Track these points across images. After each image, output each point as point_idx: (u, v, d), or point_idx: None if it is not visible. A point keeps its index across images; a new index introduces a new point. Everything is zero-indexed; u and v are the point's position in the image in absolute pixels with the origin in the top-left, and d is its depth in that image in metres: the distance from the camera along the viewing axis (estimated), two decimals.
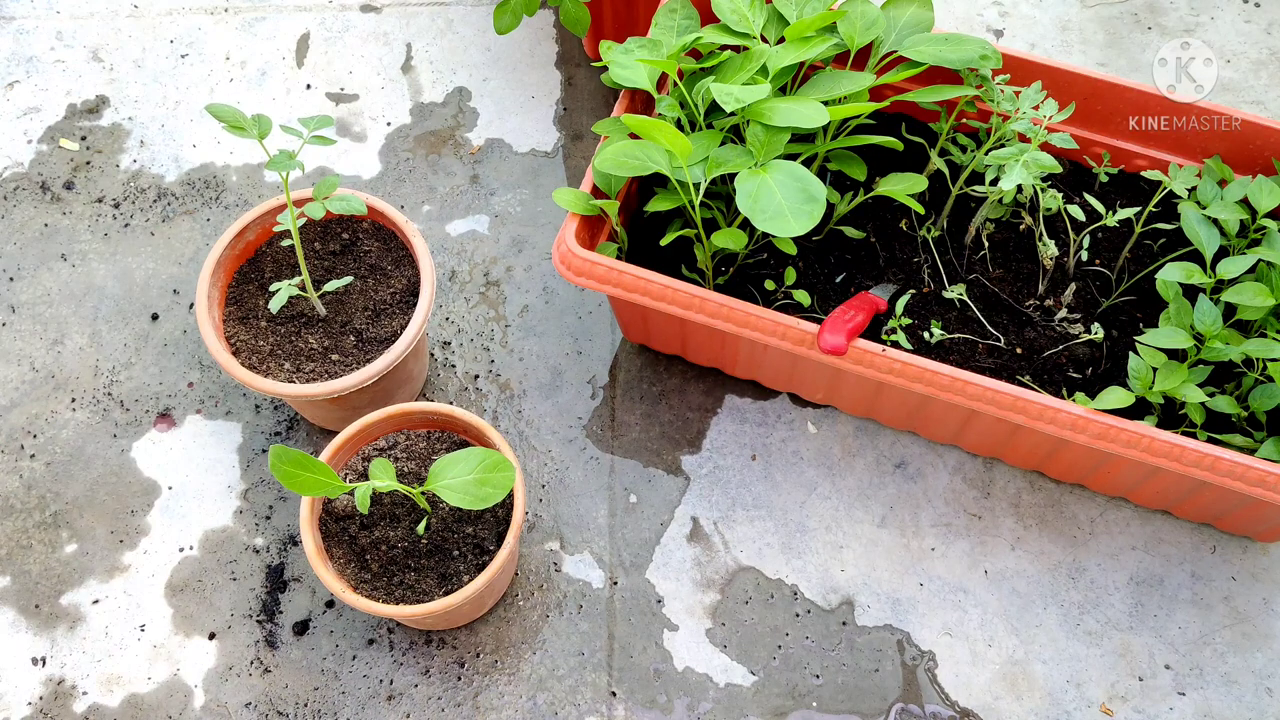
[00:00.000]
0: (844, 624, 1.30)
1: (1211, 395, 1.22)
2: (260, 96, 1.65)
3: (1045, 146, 1.40)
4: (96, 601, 1.31)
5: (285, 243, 1.29)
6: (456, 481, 1.11)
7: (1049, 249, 1.30)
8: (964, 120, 1.37)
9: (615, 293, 1.24)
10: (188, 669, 1.27)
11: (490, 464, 1.11)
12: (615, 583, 1.32)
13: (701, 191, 1.21)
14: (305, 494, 1.09)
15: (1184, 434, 1.21)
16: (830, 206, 1.37)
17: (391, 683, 1.27)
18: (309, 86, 1.66)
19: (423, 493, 1.17)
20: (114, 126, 1.63)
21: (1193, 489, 1.25)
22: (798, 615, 1.31)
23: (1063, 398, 1.26)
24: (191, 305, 1.49)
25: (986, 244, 1.37)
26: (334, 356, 1.28)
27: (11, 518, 1.35)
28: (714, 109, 1.29)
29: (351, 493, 1.20)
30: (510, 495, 1.19)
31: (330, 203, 1.22)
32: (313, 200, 1.23)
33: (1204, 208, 1.28)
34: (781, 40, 1.29)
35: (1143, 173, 1.39)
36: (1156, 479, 1.26)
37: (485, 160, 1.61)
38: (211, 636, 1.29)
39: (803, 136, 1.29)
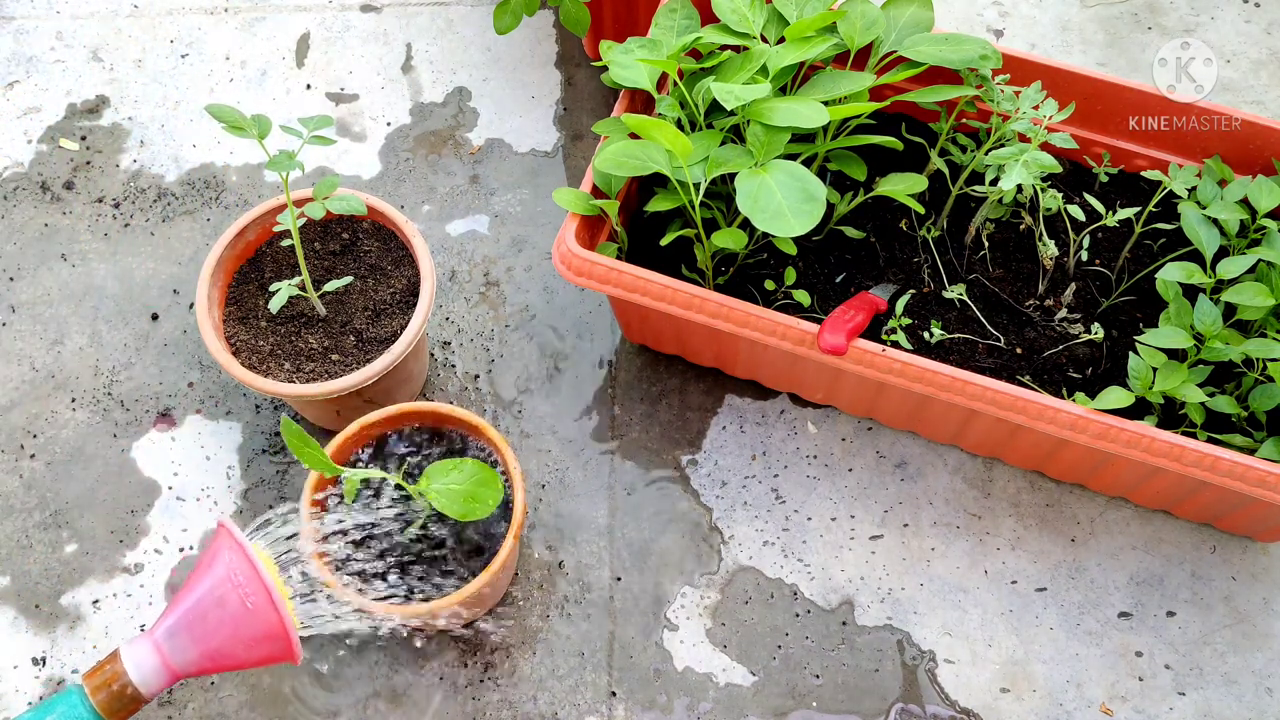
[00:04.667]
0: (844, 624, 1.30)
1: (1211, 395, 1.22)
2: (260, 96, 1.65)
3: (1045, 146, 1.40)
4: (96, 601, 1.31)
5: (285, 243, 1.29)
6: (445, 488, 1.12)
7: (1049, 249, 1.30)
8: (964, 120, 1.37)
9: (615, 293, 1.24)
10: None
11: (481, 478, 1.13)
12: (616, 582, 1.33)
13: (701, 191, 1.21)
14: (310, 467, 1.09)
15: (1184, 434, 1.21)
16: (830, 206, 1.37)
17: (391, 683, 1.27)
18: (309, 86, 1.66)
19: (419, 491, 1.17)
20: (114, 126, 1.63)
21: (1193, 489, 1.25)
22: (798, 615, 1.31)
23: (1063, 398, 1.26)
24: (191, 305, 1.49)
25: (986, 244, 1.37)
26: (334, 356, 1.28)
27: (11, 518, 1.35)
28: (714, 109, 1.29)
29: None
30: (510, 495, 1.19)
31: (330, 203, 1.22)
32: (312, 200, 1.23)
33: (1204, 208, 1.28)
34: (781, 40, 1.29)
35: (1143, 173, 1.39)
36: (1156, 479, 1.26)
37: (485, 160, 1.61)
38: None
39: (803, 136, 1.29)
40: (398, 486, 1.17)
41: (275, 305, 1.23)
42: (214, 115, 1.16)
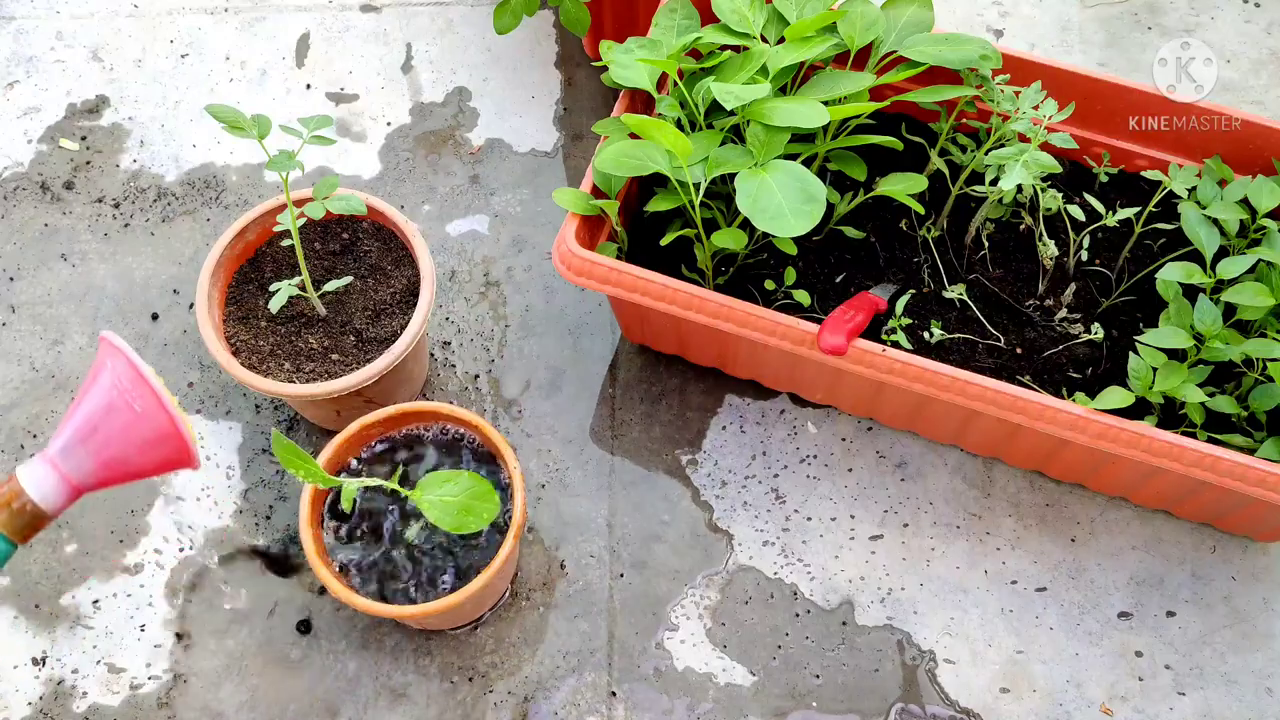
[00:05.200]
0: (844, 624, 1.30)
1: (1211, 395, 1.22)
2: (260, 96, 1.65)
3: (1045, 146, 1.40)
4: (96, 601, 1.31)
5: (285, 243, 1.29)
6: (439, 499, 1.10)
7: (1049, 249, 1.30)
8: (964, 120, 1.37)
9: (615, 293, 1.24)
10: (188, 669, 1.27)
11: (476, 491, 1.10)
12: (616, 581, 1.32)
13: (701, 191, 1.21)
14: (305, 480, 1.09)
15: (1184, 434, 1.21)
16: (830, 206, 1.37)
17: (391, 683, 1.27)
18: (309, 86, 1.66)
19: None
20: (114, 126, 1.63)
21: (1193, 489, 1.25)
22: (798, 615, 1.31)
23: (1063, 398, 1.26)
24: (191, 305, 1.49)
25: (986, 244, 1.37)
26: (334, 356, 1.28)
27: None
28: (714, 109, 1.29)
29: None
30: (510, 496, 1.19)
31: (330, 203, 1.22)
32: (312, 200, 1.23)
33: (1204, 208, 1.28)
34: (782, 40, 1.29)
35: (1143, 173, 1.39)
36: (1156, 479, 1.26)
37: (485, 160, 1.61)
38: (212, 636, 1.29)
39: (803, 136, 1.29)
40: (393, 492, 1.17)
41: (275, 305, 1.23)
42: (214, 115, 1.16)
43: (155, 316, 1.48)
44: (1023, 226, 1.38)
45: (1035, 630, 1.30)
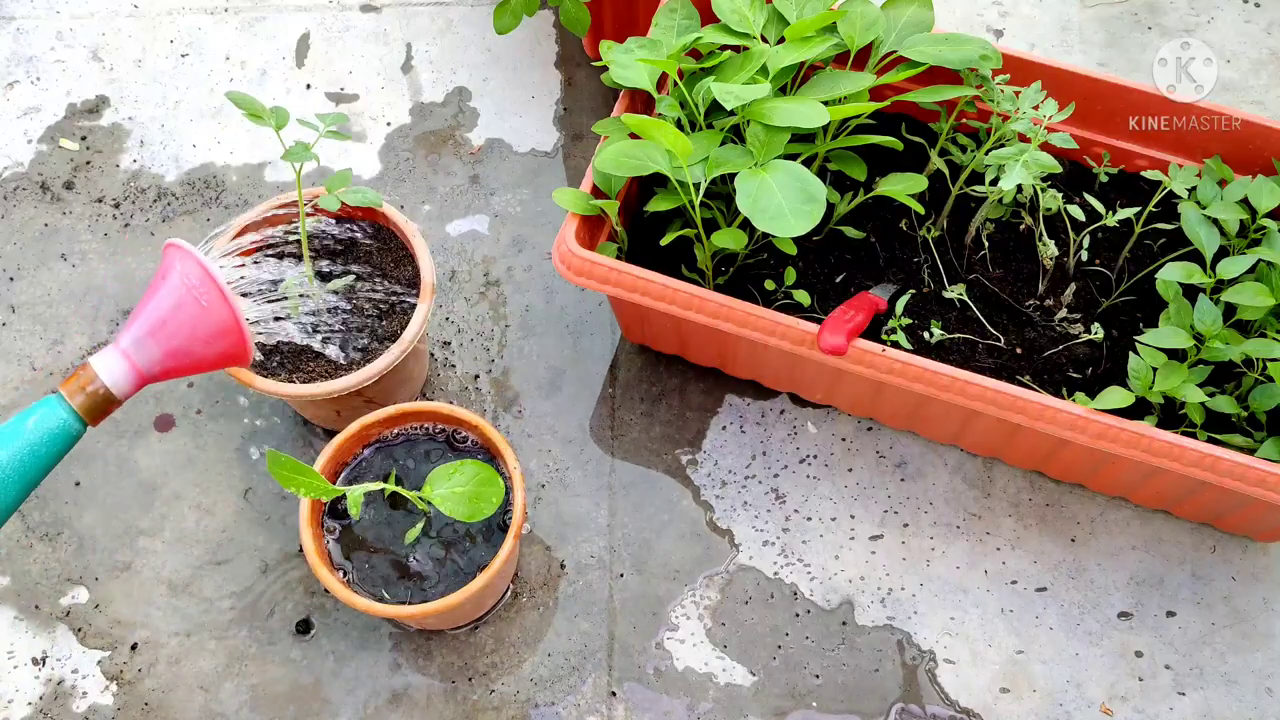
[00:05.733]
0: (844, 624, 1.30)
1: (1211, 395, 1.22)
2: (260, 96, 1.65)
3: (1045, 146, 1.40)
4: (96, 604, 1.31)
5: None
6: (449, 493, 1.11)
7: (1049, 249, 1.30)
8: (964, 120, 1.37)
9: (615, 293, 1.24)
10: (188, 669, 1.27)
11: (483, 478, 1.12)
12: (616, 581, 1.33)
13: (701, 191, 1.21)
14: (301, 494, 1.09)
15: (1184, 434, 1.21)
16: (830, 206, 1.37)
17: (391, 683, 1.27)
18: (309, 86, 1.66)
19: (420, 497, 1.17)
20: (114, 126, 1.63)
21: (1193, 489, 1.25)
22: (798, 615, 1.31)
23: (1063, 398, 1.26)
24: None
25: (986, 244, 1.37)
26: None
27: (11, 518, 1.35)
28: (714, 109, 1.29)
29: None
30: (510, 495, 1.19)
31: (345, 195, 1.23)
32: (321, 196, 1.23)
33: (1204, 208, 1.28)
34: (782, 40, 1.29)
35: (1143, 173, 1.39)
36: (1156, 479, 1.26)
37: (485, 160, 1.61)
38: (212, 636, 1.29)
39: (803, 136, 1.29)
40: (395, 494, 1.17)
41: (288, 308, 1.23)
42: (235, 102, 1.18)
43: None
44: (1023, 226, 1.38)
45: (1035, 630, 1.30)
